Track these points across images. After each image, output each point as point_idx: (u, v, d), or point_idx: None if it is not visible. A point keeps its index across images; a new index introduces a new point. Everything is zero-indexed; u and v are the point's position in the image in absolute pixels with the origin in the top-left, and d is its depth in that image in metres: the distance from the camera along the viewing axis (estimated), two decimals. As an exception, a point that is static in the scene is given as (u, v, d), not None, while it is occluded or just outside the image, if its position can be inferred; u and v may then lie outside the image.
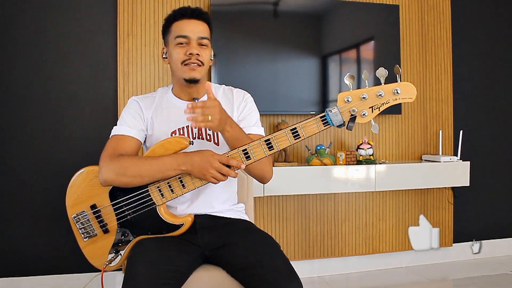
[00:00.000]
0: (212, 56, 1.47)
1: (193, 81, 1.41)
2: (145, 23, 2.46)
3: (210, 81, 2.36)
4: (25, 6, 2.34)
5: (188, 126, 1.44)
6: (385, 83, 1.21)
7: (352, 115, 1.21)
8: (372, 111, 1.22)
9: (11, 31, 2.34)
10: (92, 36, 2.43)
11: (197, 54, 1.37)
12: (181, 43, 1.39)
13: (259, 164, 1.35)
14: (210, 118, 1.21)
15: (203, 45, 1.40)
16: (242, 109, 1.49)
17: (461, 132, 2.83)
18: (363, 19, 2.73)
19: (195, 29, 1.39)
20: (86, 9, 2.42)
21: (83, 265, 2.27)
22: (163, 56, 1.47)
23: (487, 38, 3.09)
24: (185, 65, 1.38)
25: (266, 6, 2.57)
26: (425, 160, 2.84)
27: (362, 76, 1.24)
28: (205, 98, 1.49)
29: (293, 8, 2.60)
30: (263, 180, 1.45)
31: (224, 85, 1.56)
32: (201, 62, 1.39)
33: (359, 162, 2.61)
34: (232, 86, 1.56)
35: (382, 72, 1.19)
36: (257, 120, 1.50)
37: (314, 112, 2.63)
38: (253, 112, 1.51)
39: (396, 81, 1.21)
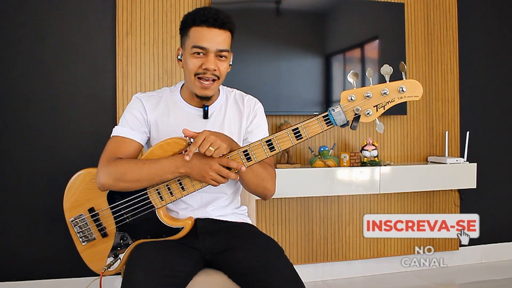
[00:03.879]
0: (231, 61, 1.38)
1: (204, 98, 1.35)
2: (145, 22, 2.44)
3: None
4: (23, 5, 2.32)
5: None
6: (390, 81, 1.17)
7: (356, 114, 1.18)
8: (377, 110, 1.18)
9: (9, 30, 2.32)
10: (90, 35, 2.42)
11: (214, 69, 1.30)
12: (198, 53, 1.29)
13: (262, 182, 1.34)
14: (212, 149, 1.18)
15: (221, 56, 1.31)
16: (251, 119, 1.44)
17: (467, 133, 2.80)
18: (368, 18, 2.72)
19: (215, 40, 1.28)
20: (84, 7, 2.40)
21: (81, 269, 2.19)
22: (178, 58, 1.38)
23: (494, 36, 3.07)
24: (199, 78, 1.31)
25: (268, 4, 2.55)
26: (431, 161, 2.82)
27: (366, 74, 1.19)
28: (216, 104, 1.43)
29: (296, 6, 2.59)
30: (264, 197, 1.41)
31: (236, 90, 1.50)
32: (217, 76, 1.32)
33: (363, 164, 2.58)
34: (243, 92, 1.50)
35: (386, 70, 1.16)
36: (265, 134, 1.45)
37: (317, 113, 2.59)
38: (262, 125, 1.46)
39: (401, 79, 1.18)
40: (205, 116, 1.39)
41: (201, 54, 1.29)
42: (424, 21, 2.87)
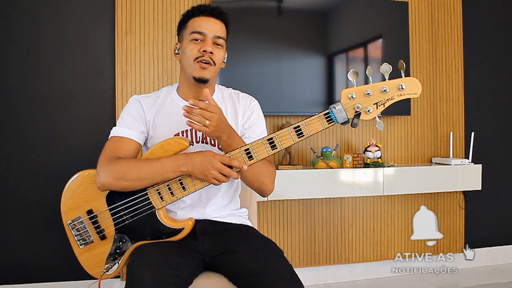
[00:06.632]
0: (226, 59, 1.46)
1: (202, 81, 1.38)
2: (144, 21, 2.42)
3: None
4: (21, 4, 2.30)
5: (192, 128, 1.41)
6: (389, 79, 1.21)
7: (356, 111, 1.21)
8: (377, 107, 1.21)
9: (6, 29, 2.30)
10: (89, 34, 2.40)
11: (211, 53, 1.36)
12: (196, 39, 1.37)
13: (258, 176, 1.34)
14: (207, 123, 1.20)
15: (218, 44, 1.39)
16: (248, 117, 1.47)
17: (472, 133, 2.78)
18: (371, 17, 2.70)
19: (212, 27, 1.38)
20: (83, 6, 2.38)
21: (80, 272, 2.17)
22: (175, 52, 1.45)
23: (499, 35, 3.05)
24: (197, 62, 1.36)
25: (270, 2, 2.53)
26: (435, 163, 2.80)
27: (366, 72, 1.22)
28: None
29: (298, 5, 2.57)
30: (262, 193, 1.42)
31: (231, 88, 1.55)
32: (213, 61, 1.37)
33: (366, 165, 2.56)
34: (239, 90, 1.54)
35: (386, 68, 1.19)
36: (262, 130, 1.49)
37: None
38: (259, 121, 1.49)
39: (400, 77, 1.21)
40: None
41: (199, 40, 1.37)
42: (428, 20, 2.84)
